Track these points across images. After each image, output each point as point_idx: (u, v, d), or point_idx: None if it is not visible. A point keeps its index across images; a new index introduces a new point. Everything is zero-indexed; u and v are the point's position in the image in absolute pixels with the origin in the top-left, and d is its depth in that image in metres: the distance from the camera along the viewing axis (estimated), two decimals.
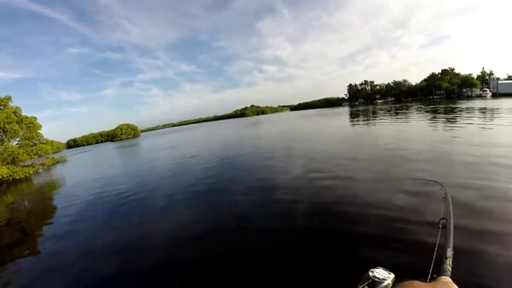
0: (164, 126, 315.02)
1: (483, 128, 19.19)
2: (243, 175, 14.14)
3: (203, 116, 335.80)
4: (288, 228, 7.18)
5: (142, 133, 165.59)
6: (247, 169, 15.56)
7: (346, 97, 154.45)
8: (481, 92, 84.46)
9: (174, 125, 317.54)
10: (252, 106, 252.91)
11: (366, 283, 1.54)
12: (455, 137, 16.41)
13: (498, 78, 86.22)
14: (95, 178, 20.56)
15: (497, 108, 34.26)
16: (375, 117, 42.72)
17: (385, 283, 1.54)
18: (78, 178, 23.20)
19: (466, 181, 8.32)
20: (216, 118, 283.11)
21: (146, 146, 52.79)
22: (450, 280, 1.44)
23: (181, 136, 64.57)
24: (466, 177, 8.77)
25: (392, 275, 1.60)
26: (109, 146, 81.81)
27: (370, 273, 1.60)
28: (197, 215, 9.33)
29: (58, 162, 44.52)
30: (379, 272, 1.60)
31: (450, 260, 1.94)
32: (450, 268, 1.85)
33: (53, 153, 47.06)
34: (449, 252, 2.02)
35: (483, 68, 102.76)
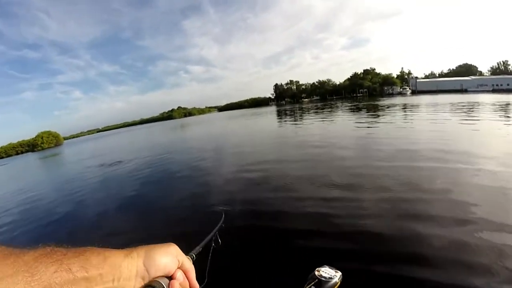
0: (89, 132, 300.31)
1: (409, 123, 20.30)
2: (176, 182, 13.12)
3: (129, 120, 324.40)
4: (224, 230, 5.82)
5: (66, 141, 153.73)
6: (178, 177, 14.19)
7: (273, 97, 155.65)
8: (401, 90, 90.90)
9: (99, 131, 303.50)
10: (179, 108, 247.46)
11: (313, 283, 1.55)
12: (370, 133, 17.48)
13: (416, 77, 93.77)
14: (16, 197, 17.23)
15: (417, 105, 38.36)
16: (302, 116, 42.44)
17: (332, 281, 1.56)
18: None
19: None
20: (143, 122, 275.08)
21: (71, 155, 47.94)
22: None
23: (107, 143, 60.52)
24: None
25: (339, 273, 1.61)
26: (30, 157, 74.25)
27: (316, 272, 1.61)
28: (132, 226, 8.48)
29: None
30: (325, 271, 1.62)
31: None
32: None
33: None
34: None
35: (402, 68, 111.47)
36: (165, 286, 0.68)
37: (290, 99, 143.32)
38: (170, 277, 0.71)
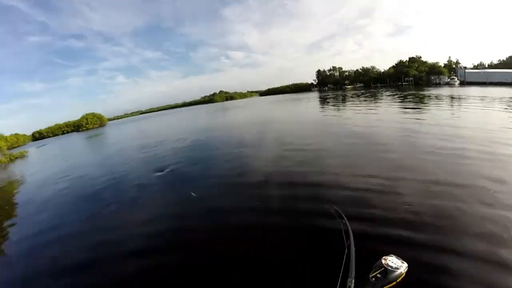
0: (132, 114, 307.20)
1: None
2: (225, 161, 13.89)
3: (172, 103, 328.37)
4: (275, 219, 7.00)
5: (110, 122, 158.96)
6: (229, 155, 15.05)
7: (315, 83, 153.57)
8: (449, 80, 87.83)
9: (142, 113, 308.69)
10: (221, 92, 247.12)
11: (379, 271, 1.68)
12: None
13: (465, 67, 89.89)
14: (59, 174, 18.66)
15: (468, 97, 35.51)
16: (345, 104, 42.34)
17: (398, 272, 1.66)
18: (40, 175, 20.80)
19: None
20: (185, 105, 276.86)
21: (113, 135, 50.19)
22: None
23: (149, 125, 62.24)
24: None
25: (405, 264, 1.73)
26: (74, 136, 78.34)
27: (383, 261, 1.74)
28: (171, 202, 9.41)
29: (16, 158, 41.10)
30: (392, 261, 1.74)
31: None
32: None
33: (18, 146, 43.73)
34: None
35: (450, 57, 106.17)
36: None
37: (333, 85, 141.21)
38: None
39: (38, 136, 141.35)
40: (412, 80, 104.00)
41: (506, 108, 22.04)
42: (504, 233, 5.15)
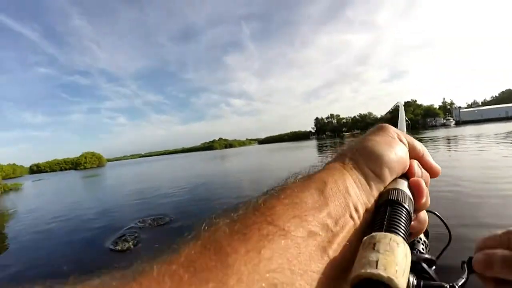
0: (132, 157, 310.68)
1: None
2: None
3: (171, 148, 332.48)
4: None
5: (109, 163, 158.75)
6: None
7: (313, 131, 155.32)
8: (445, 121, 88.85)
9: (141, 156, 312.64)
10: (220, 139, 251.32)
11: None
12: None
13: (459, 107, 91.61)
14: (52, 214, 17.87)
15: (462, 137, 35.37)
16: None
17: None
18: (32, 212, 20.28)
19: None
20: (184, 150, 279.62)
21: (112, 178, 48.92)
22: None
23: (148, 169, 61.58)
24: None
25: None
26: (71, 174, 77.15)
27: None
28: None
29: (10, 189, 38.62)
30: None
31: None
32: None
33: (13, 177, 41.47)
34: None
35: (444, 98, 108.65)
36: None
37: (331, 133, 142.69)
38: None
39: (35, 170, 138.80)
40: (409, 124, 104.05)
41: (499, 143, 21.43)
42: None
